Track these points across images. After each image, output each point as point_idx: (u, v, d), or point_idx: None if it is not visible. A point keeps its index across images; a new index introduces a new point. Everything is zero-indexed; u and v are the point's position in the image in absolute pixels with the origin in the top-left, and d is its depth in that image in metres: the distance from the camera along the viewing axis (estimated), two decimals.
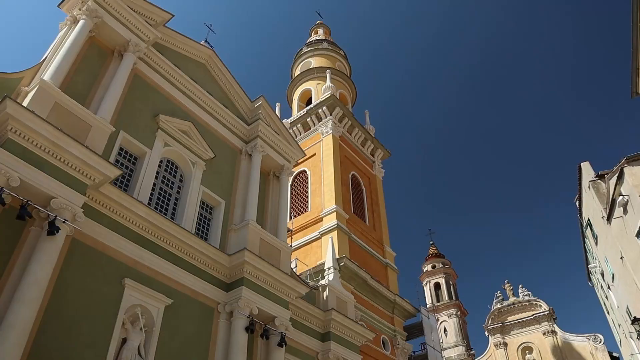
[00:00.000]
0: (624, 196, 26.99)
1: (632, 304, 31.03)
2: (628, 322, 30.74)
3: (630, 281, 29.78)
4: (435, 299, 74.89)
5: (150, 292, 14.15)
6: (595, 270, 40.45)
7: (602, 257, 35.62)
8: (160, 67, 19.00)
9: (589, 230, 36.73)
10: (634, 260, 27.90)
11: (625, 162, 26.77)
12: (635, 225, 26.41)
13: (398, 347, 29.17)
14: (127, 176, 16.16)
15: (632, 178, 26.01)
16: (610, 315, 42.65)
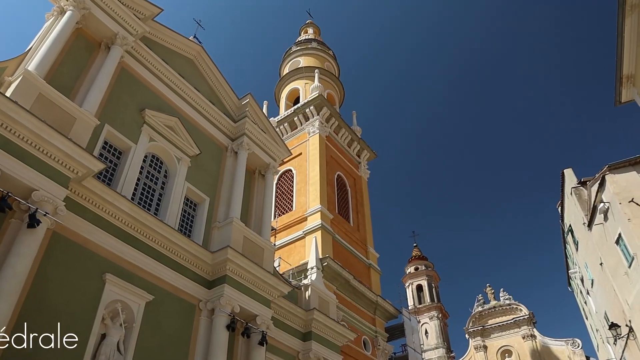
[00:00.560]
0: (604, 203, 27.38)
1: (609, 309, 31.52)
2: (605, 327, 31.20)
3: (608, 287, 30.22)
4: (417, 301, 75.28)
5: (131, 287, 14.02)
6: (576, 275, 41.00)
7: (582, 263, 36.11)
8: (148, 62, 18.84)
9: (570, 236, 37.20)
10: (613, 267, 28.32)
11: (607, 169, 27.16)
12: (615, 232, 26.80)
13: (379, 347, 29.29)
14: (111, 170, 15.99)
15: (613, 186, 26.39)
16: (588, 321, 43.24)
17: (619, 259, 27.12)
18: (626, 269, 26.22)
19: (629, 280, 26.21)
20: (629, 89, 19.49)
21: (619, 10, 17.30)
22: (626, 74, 19.14)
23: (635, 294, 25.75)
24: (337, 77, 45.34)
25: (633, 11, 17.19)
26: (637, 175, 26.14)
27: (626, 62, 18.84)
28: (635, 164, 26.60)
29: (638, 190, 25.54)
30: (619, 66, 19.07)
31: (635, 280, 25.26)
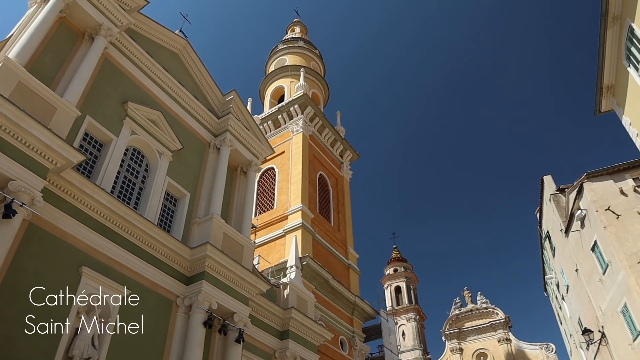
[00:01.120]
0: (582, 210, 27.81)
1: (583, 315, 32.02)
2: (579, 332, 31.72)
3: (583, 293, 30.70)
4: (396, 302, 75.67)
5: (108, 281, 13.83)
6: (552, 281, 41.57)
7: (559, 269, 36.63)
8: (132, 54, 18.60)
9: (548, 242, 37.72)
10: (588, 273, 28.78)
11: (586, 177, 27.59)
12: (591, 239, 27.23)
13: (356, 348, 29.37)
14: (91, 162, 15.76)
15: (591, 193, 26.81)
16: (562, 326, 43.90)
17: (594, 265, 27.58)
18: (601, 275, 26.68)
19: (603, 286, 26.66)
20: (609, 99, 19.84)
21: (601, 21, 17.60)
22: (606, 84, 19.48)
23: (608, 301, 26.20)
24: (323, 76, 45.35)
25: (615, 23, 17.49)
26: (614, 184, 26.60)
27: (607, 72, 19.17)
28: (612, 173, 27.07)
29: (614, 198, 25.99)
30: (600, 76, 19.40)
31: (609, 287, 25.71)
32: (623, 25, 17.04)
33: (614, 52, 18.22)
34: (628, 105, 18.58)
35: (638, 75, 16.94)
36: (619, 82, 18.85)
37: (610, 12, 17.09)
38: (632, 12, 16.09)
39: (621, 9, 16.92)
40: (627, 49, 17.13)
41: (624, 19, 16.90)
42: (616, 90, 19.29)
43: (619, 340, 25.82)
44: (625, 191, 26.11)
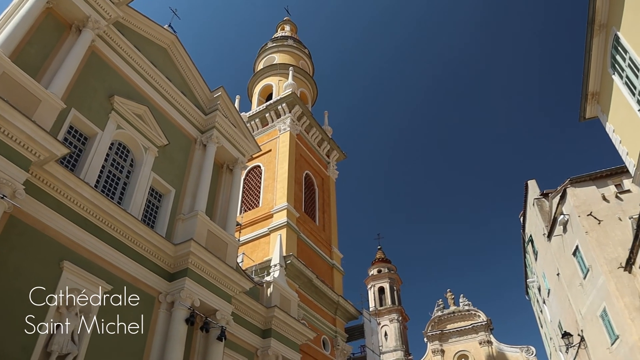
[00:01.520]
0: (564, 215, 28.13)
1: (563, 319, 32.40)
2: (559, 335, 32.09)
3: (564, 297, 31.07)
4: (379, 303, 75.84)
5: (90, 276, 13.67)
6: (533, 284, 42.01)
7: (540, 273, 37.03)
8: (120, 48, 18.41)
9: (530, 246, 38.09)
10: (569, 278, 29.13)
11: (569, 183, 27.92)
12: (572, 244, 27.56)
13: (338, 347, 29.41)
14: (75, 156, 15.58)
15: (573, 199, 27.13)
16: (543, 329, 44.38)
17: (575, 270, 27.92)
18: (581, 280, 27.01)
19: (583, 291, 27.00)
20: (594, 106, 20.06)
21: (587, 29, 17.79)
22: (591, 91, 19.69)
23: (588, 305, 26.54)
24: (311, 76, 45.34)
25: (601, 31, 17.69)
26: (597, 190, 26.96)
27: (592, 79, 19.38)
28: (595, 179, 27.44)
29: (597, 204, 26.34)
30: (585, 83, 19.61)
31: (589, 291, 26.03)
32: (609, 33, 17.25)
33: (599, 60, 18.43)
34: (612, 113, 18.82)
35: (622, 83, 17.16)
36: (604, 89, 19.08)
37: (597, 20, 17.28)
38: (618, 20, 16.30)
39: (607, 17, 17.13)
40: (613, 57, 17.34)
41: (610, 27, 17.11)
42: (601, 97, 19.52)
43: (598, 344, 26.17)
44: (607, 197, 26.49)
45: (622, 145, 18.56)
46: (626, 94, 17.04)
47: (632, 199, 25.47)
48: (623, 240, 24.21)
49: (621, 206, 25.87)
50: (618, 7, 16.14)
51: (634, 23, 15.37)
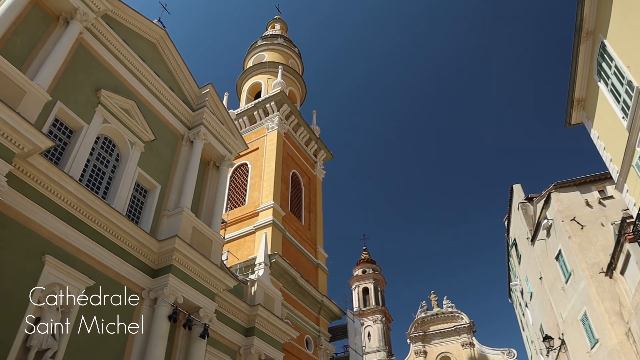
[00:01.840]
0: (548, 220, 28.41)
1: (545, 322, 32.72)
2: (540, 339, 32.42)
3: (546, 301, 31.38)
4: (363, 303, 75.99)
5: (72, 271, 13.51)
6: (516, 288, 42.38)
7: (523, 276, 37.35)
8: (108, 41, 18.20)
9: (514, 250, 38.41)
10: (551, 282, 29.42)
11: (553, 187, 28.21)
12: (555, 248, 27.85)
13: (321, 347, 29.42)
14: (59, 149, 15.39)
15: (557, 204, 27.41)
16: (525, 332, 44.78)
17: (557, 274, 28.21)
18: (563, 284, 27.30)
19: (565, 295, 27.29)
20: (579, 112, 20.28)
21: (575, 36, 17.99)
22: (577, 97, 19.91)
23: (569, 309, 26.83)
24: (301, 75, 45.30)
25: (588, 38, 17.90)
26: (580, 195, 27.27)
27: (578, 86, 19.60)
28: (579, 185, 27.75)
29: (580, 209, 26.64)
30: (572, 89, 19.83)
31: (571, 296, 26.32)
32: (596, 41, 17.47)
33: (586, 67, 18.66)
34: (597, 119, 19.05)
35: (608, 91, 17.39)
36: (590, 96, 19.31)
37: (584, 27, 17.49)
38: (604, 28, 16.51)
39: (594, 25, 17.35)
40: (599, 64, 17.56)
41: (596, 35, 17.32)
42: (586, 103, 19.76)
43: (578, 348, 26.47)
44: (590, 203, 26.81)
45: (606, 152, 18.79)
46: (611, 101, 17.26)
47: (614, 205, 25.79)
48: (605, 246, 24.51)
49: (604, 212, 26.19)
50: (605, 15, 16.35)
51: (620, 31, 15.57)
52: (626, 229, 20.04)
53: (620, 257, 21.77)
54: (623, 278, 22.12)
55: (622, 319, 22.28)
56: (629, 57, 15.20)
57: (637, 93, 14.81)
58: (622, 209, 23.34)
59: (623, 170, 17.32)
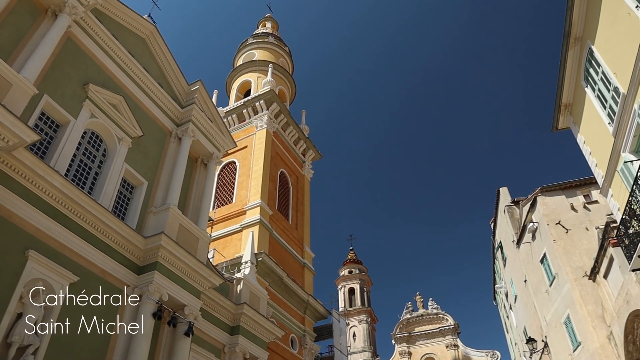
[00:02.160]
0: (534, 223, 28.64)
1: (529, 324, 32.99)
2: (524, 341, 32.67)
3: (530, 304, 31.63)
4: (349, 303, 76.15)
5: (56, 267, 13.35)
6: (501, 290, 42.67)
7: (508, 279, 37.62)
8: (97, 35, 18.01)
9: (500, 252, 38.68)
10: (536, 285, 29.67)
11: (539, 191, 28.45)
12: (540, 251, 28.08)
13: (306, 347, 29.41)
14: (45, 143, 15.20)
15: (543, 207, 27.64)
16: (509, 334, 45.10)
17: (541, 277, 28.45)
18: (547, 287, 27.53)
19: (548, 298, 27.53)
20: (566, 117, 20.45)
21: (563, 41, 18.14)
22: (565, 102, 20.08)
23: (553, 312, 27.07)
24: (291, 74, 45.23)
25: (576, 44, 18.06)
26: (566, 199, 27.53)
27: (565, 91, 19.76)
28: (565, 189, 28.02)
29: (565, 213, 26.89)
30: (559, 95, 19.99)
31: (555, 299, 26.56)
32: (584, 46, 17.63)
33: (573, 72, 18.83)
34: (583, 124, 19.23)
35: (594, 96, 17.56)
36: (577, 101, 19.49)
37: (573, 33, 17.65)
38: (592, 35, 16.67)
39: (583, 31, 17.51)
40: (586, 70, 17.72)
41: (585, 40, 17.48)
42: (573, 108, 19.94)
43: (560, 350, 26.71)
44: (575, 207, 27.08)
45: (591, 157, 18.97)
46: (597, 106, 17.43)
47: (599, 209, 26.07)
48: (589, 250, 24.78)
49: (588, 216, 26.47)
50: (593, 22, 16.51)
51: (607, 38, 15.73)
52: (610, 233, 20.26)
53: (604, 261, 22.01)
54: (606, 282, 22.37)
55: (604, 322, 22.53)
56: (615, 64, 15.37)
57: (623, 99, 14.97)
58: (606, 214, 23.60)
59: (608, 175, 17.50)
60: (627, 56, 14.17)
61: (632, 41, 13.70)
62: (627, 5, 13.77)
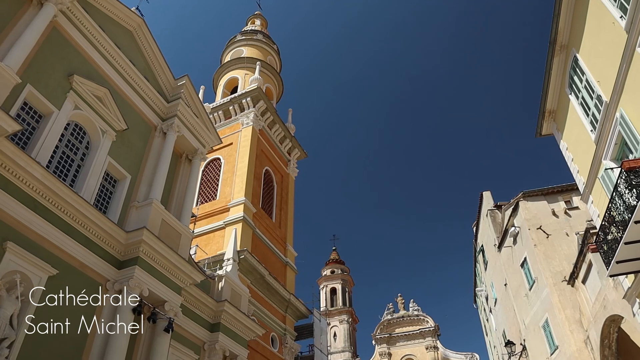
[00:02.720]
0: (515, 227, 28.95)
1: (508, 328, 33.32)
2: (502, 344, 33.00)
3: (509, 307, 31.94)
4: (330, 303, 76.26)
5: (34, 259, 13.10)
6: (481, 293, 43.06)
7: (489, 282, 37.97)
8: (83, 26, 17.74)
9: (481, 256, 39.02)
10: (515, 288, 29.97)
11: (522, 196, 28.76)
12: (521, 256, 28.38)
13: (286, 345, 29.37)
14: (27, 134, 14.96)
15: (525, 212, 27.93)
16: (488, 337, 45.56)
17: (521, 281, 28.75)
18: (527, 291, 27.84)
19: (528, 301, 27.83)
20: (550, 123, 20.69)
21: (549, 48, 18.35)
22: (549, 108, 20.31)
23: (532, 315, 27.37)
24: (278, 72, 45.12)
25: (561, 51, 18.28)
26: (547, 205, 27.87)
27: (550, 97, 19.99)
28: (547, 194, 28.37)
29: (546, 218, 27.22)
30: (544, 101, 20.22)
31: (534, 302, 26.85)
32: (569, 54, 17.86)
33: (558, 79, 19.07)
34: (566, 131, 19.48)
35: (578, 104, 17.79)
36: (561, 108, 19.74)
37: (559, 40, 17.88)
38: (578, 43, 16.89)
39: (568, 39, 17.74)
40: (571, 77, 17.95)
41: (570, 48, 17.71)
42: (557, 115, 20.18)
43: (538, 354, 27.03)
44: (556, 212, 27.44)
45: (574, 163, 19.21)
46: (581, 114, 17.65)
47: (579, 215, 26.43)
48: (569, 255, 25.12)
49: (569, 222, 26.83)
50: (579, 30, 16.73)
51: (592, 47, 15.94)
52: (589, 239, 20.55)
53: (583, 267, 22.32)
54: (584, 287, 22.68)
55: (582, 326, 22.85)
56: (599, 72, 15.59)
57: (605, 107, 15.19)
58: (586, 220, 23.95)
59: (589, 181, 17.75)
60: (611, 65, 14.38)
61: (616, 50, 13.91)
62: (611, 15, 13.98)
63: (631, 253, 13.59)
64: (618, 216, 13.05)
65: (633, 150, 14.18)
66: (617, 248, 13.40)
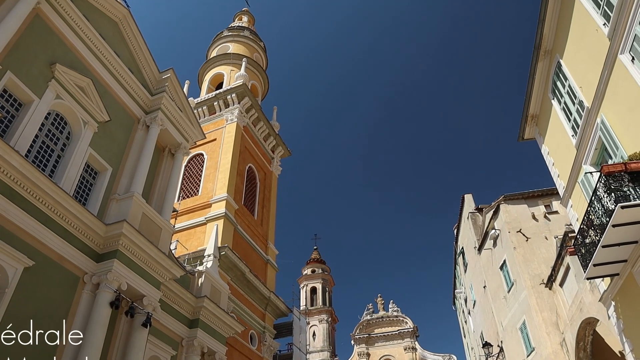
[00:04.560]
0: (496, 230, 29.23)
1: (486, 330, 33.62)
2: (480, 346, 33.29)
3: (488, 309, 32.24)
4: (310, 302, 76.29)
5: (10, 250, 12.82)
6: (461, 295, 43.42)
7: (468, 284, 38.30)
8: (68, 14, 17.43)
9: (461, 258, 39.35)
10: (494, 291, 30.25)
11: (503, 199, 29.05)
12: (500, 258, 28.66)
13: (265, 343, 29.29)
14: (6, 122, 14.68)
15: (505, 215, 28.22)
16: (466, 339, 45.93)
17: (500, 283, 29.04)
18: (505, 293, 28.11)
19: (506, 304, 28.11)
20: (532, 128, 20.91)
21: (534, 53, 18.55)
22: (532, 113, 20.52)
23: (509, 317, 27.65)
24: (264, 70, 44.99)
25: (545, 57, 18.49)
26: (528, 208, 28.20)
27: (533, 102, 20.21)
28: (527, 198, 28.70)
29: (526, 221, 27.54)
30: (527, 105, 20.43)
31: (512, 305, 27.13)
32: (553, 59, 18.07)
33: (542, 84, 19.28)
34: (548, 136, 19.71)
35: (560, 109, 18.01)
36: (543, 112, 19.96)
37: (543, 46, 18.08)
38: (562, 48, 17.10)
39: (553, 44, 17.95)
40: (554, 83, 18.17)
41: (554, 54, 17.93)
42: (540, 120, 20.41)
43: (515, 355, 27.31)
44: (536, 216, 27.78)
45: (554, 168, 19.45)
46: (563, 119, 17.87)
47: (559, 219, 26.79)
48: (547, 258, 25.44)
49: (548, 226, 27.18)
50: (563, 36, 16.93)
51: (575, 53, 16.15)
52: (568, 242, 20.83)
53: (561, 270, 22.62)
54: (562, 290, 22.98)
55: (558, 329, 23.16)
56: (582, 78, 15.80)
57: (587, 113, 15.40)
58: (565, 224, 24.25)
59: (569, 186, 17.98)
60: (593, 71, 14.59)
61: (598, 57, 14.11)
62: (595, 22, 14.18)
63: (608, 256, 13.80)
64: (596, 220, 13.23)
65: (612, 155, 14.40)
66: (595, 251, 13.59)
